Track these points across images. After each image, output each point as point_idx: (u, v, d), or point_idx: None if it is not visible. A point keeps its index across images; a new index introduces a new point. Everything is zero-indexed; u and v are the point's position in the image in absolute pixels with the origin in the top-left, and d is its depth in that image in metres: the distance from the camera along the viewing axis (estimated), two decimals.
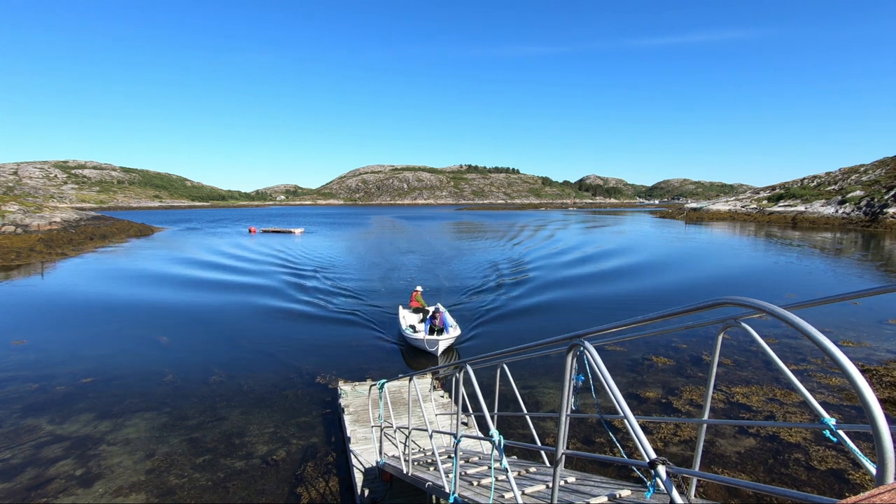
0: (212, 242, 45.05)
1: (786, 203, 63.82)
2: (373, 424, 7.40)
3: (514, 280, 22.67)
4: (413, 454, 6.49)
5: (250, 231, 59.68)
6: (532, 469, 4.47)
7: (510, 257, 31.59)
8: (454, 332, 12.55)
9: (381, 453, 6.62)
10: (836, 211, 53.50)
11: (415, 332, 12.74)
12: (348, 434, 7.75)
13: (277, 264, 28.90)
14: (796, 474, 6.59)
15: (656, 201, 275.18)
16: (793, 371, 2.47)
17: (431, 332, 12.32)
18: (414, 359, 12.07)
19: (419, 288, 16.00)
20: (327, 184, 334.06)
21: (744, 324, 2.36)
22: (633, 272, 24.63)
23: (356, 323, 15.34)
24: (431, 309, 13.98)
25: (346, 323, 15.35)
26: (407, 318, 14.54)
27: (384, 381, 6.58)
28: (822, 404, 7.38)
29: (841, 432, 1.96)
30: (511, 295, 19.27)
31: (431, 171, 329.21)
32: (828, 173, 69.51)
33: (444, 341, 11.87)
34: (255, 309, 17.24)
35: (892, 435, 1.27)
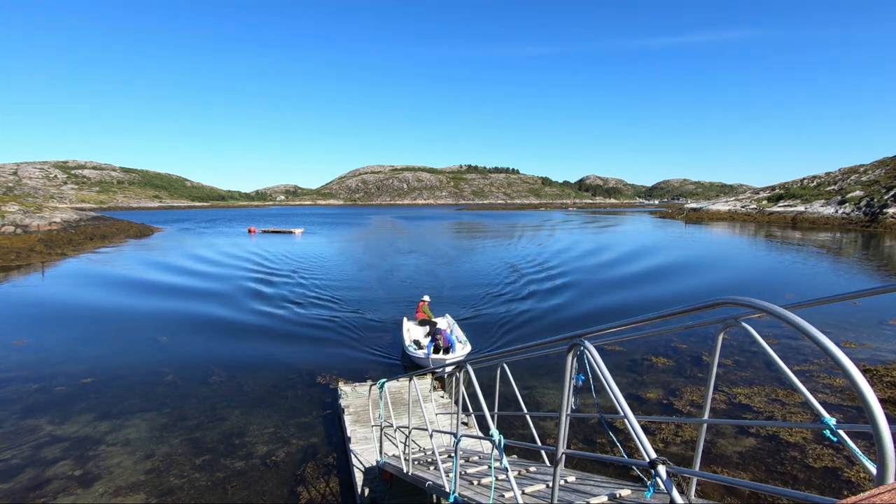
0: (212, 243, 45.04)
1: (785, 203, 63.82)
2: (373, 424, 7.39)
3: (516, 280, 22.66)
4: (413, 454, 6.49)
5: (250, 231, 59.66)
6: (532, 468, 4.46)
7: (511, 257, 31.59)
8: (463, 349, 11.33)
9: (381, 453, 6.62)
10: (836, 211, 53.50)
11: (419, 347, 11.70)
12: (348, 434, 7.74)
13: (278, 264, 28.89)
14: (796, 474, 6.58)
15: (656, 201, 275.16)
16: (793, 371, 2.47)
17: (436, 351, 11.08)
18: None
19: (427, 298, 14.29)
20: (327, 184, 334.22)
21: (744, 324, 2.36)
22: (634, 272, 24.63)
23: (357, 324, 15.32)
24: (440, 321, 12.90)
25: (347, 324, 15.32)
26: (411, 332, 13.06)
27: (384, 380, 6.58)
28: (823, 404, 7.37)
29: (841, 432, 1.96)
30: (512, 295, 19.26)
31: (431, 171, 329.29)
32: (827, 173, 69.51)
33: (451, 362, 10.67)
34: (255, 309, 17.23)
35: (893, 435, 1.26)
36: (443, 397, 9.45)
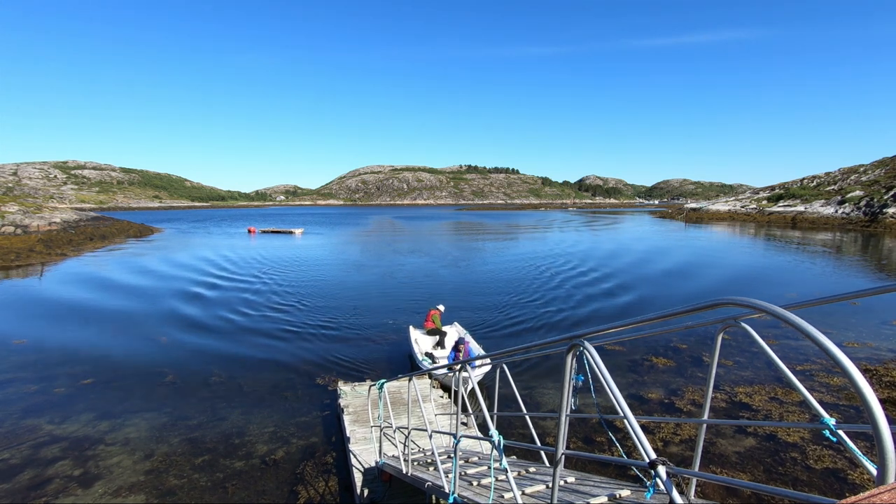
0: (212, 243, 45.03)
1: (785, 203, 63.80)
2: (372, 424, 7.39)
3: (516, 279, 22.66)
4: (412, 454, 6.49)
5: (250, 231, 59.64)
6: (532, 469, 4.46)
7: (512, 256, 31.58)
8: (485, 366, 10.00)
9: (380, 453, 6.61)
10: (836, 211, 53.49)
11: (433, 361, 11.05)
12: (348, 434, 7.74)
13: (279, 264, 28.88)
14: (796, 474, 6.58)
15: (656, 201, 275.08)
16: (793, 371, 2.47)
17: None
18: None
19: (440, 307, 13.25)
20: (327, 184, 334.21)
21: (743, 324, 2.35)
22: (633, 272, 24.62)
23: (356, 324, 15.31)
24: (448, 331, 12.62)
25: (346, 324, 15.32)
26: (420, 343, 12.38)
27: (383, 381, 6.58)
28: (822, 404, 7.37)
29: (840, 432, 1.95)
30: (513, 294, 19.26)
31: (431, 171, 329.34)
32: (827, 173, 69.49)
33: (474, 378, 9.35)
34: (255, 309, 17.22)
35: (893, 435, 1.26)
36: (442, 397, 9.45)
